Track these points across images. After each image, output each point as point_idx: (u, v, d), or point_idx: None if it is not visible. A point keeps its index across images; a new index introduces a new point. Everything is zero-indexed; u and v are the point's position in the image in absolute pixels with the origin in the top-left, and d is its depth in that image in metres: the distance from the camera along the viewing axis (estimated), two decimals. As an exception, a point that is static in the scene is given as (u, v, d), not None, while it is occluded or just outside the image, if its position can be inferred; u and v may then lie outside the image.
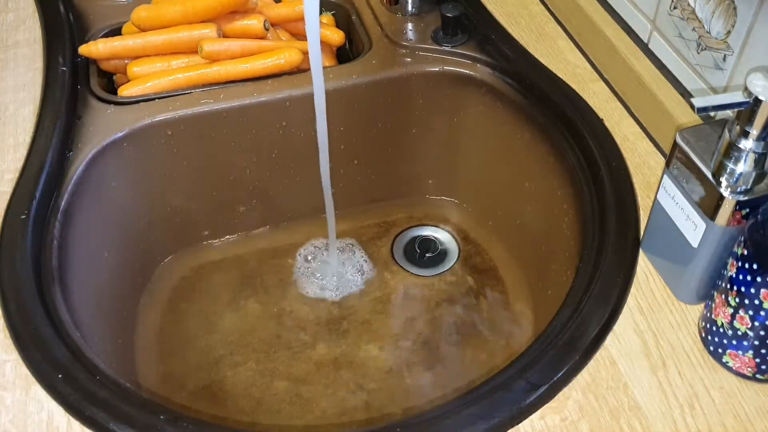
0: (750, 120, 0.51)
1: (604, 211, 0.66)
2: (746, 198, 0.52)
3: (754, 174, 0.52)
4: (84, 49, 0.83)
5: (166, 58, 0.85)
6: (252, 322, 0.86)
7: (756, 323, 0.52)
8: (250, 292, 0.90)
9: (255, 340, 0.85)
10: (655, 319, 0.60)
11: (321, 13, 0.92)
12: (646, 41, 0.77)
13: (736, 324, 0.53)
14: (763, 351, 0.53)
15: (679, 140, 0.56)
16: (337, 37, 0.91)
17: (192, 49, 0.84)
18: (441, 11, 0.84)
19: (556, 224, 0.75)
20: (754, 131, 0.51)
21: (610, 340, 0.58)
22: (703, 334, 0.58)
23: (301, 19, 0.87)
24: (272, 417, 0.78)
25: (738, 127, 0.52)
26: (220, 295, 0.89)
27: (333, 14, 0.96)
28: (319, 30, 0.74)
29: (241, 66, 0.82)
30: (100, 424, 0.53)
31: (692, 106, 0.52)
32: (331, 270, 0.91)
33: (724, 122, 0.54)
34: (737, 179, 0.53)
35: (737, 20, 0.62)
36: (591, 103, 0.77)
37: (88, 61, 0.85)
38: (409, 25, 0.89)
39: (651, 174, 0.70)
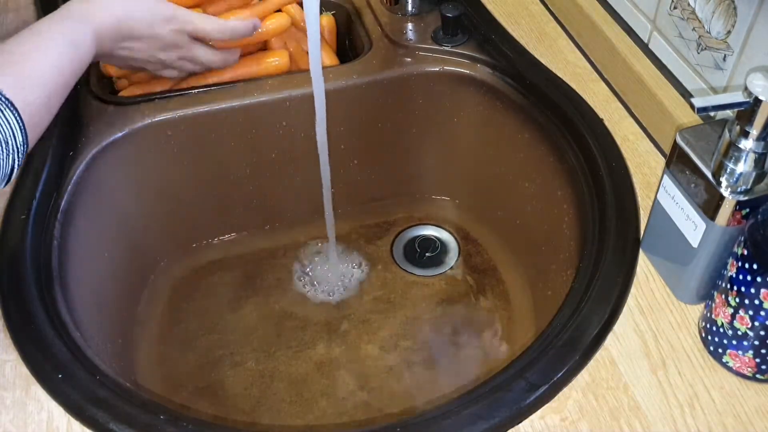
0: (750, 120, 0.51)
1: (604, 211, 0.66)
2: (746, 198, 0.52)
3: (754, 174, 0.52)
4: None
5: None
6: (252, 322, 0.86)
7: (756, 323, 0.52)
8: (250, 292, 0.90)
9: (255, 340, 0.85)
10: (655, 319, 0.60)
11: (321, 13, 0.92)
12: (646, 41, 0.77)
13: (736, 324, 0.53)
14: (763, 351, 0.53)
15: (679, 140, 0.56)
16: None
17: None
18: (441, 11, 0.84)
19: (556, 224, 0.75)
20: (754, 131, 0.51)
21: (610, 340, 0.58)
22: (703, 334, 0.58)
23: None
24: (272, 417, 0.78)
25: (738, 127, 0.52)
26: (220, 295, 0.89)
27: (333, 14, 0.95)
28: (319, 30, 0.74)
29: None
30: (100, 424, 0.53)
31: (692, 106, 0.52)
32: (331, 270, 0.91)
33: (724, 122, 0.54)
34: (737, 179, 0.53)
35: (737, 20, 0.62)
36: (591, 103, 0.77)
37: (88, 61, 0.85)
38: (409, 25, 0.89)
39: (651, 174, 0.70)
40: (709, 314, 0.57)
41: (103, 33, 0.67)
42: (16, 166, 0.58)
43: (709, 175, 0.54)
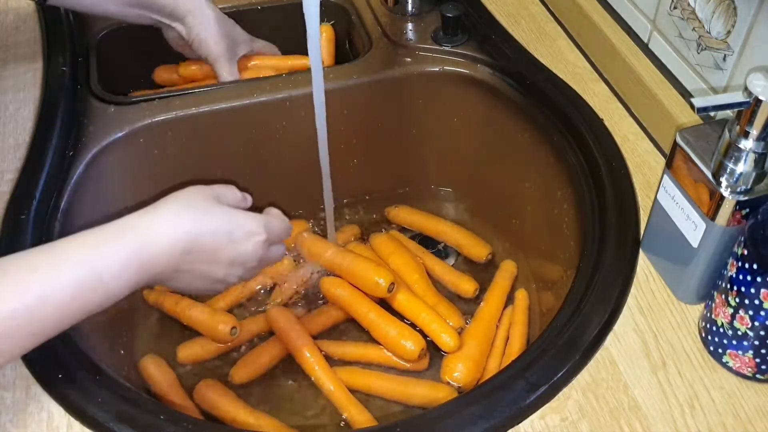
0: (750, 120, 0.51)
1: (604, 211, 0.66)
2: (746, 198, 0.52)
3: (754, 174, 0.52)
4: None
5: None
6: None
7: (756, 323, 0.52)
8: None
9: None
10: (655, 319, 0.60)
11: (321, 21, 0.91)
12: (646, 41, 0.77)
13: (736, 324, 0.53)
14: (763, 351, 0.53)
15: (679, 140, 0.56)
16: None
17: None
18: (441, 11, 0.84)
19: (556, 224, 0.76)
20: (754, 131, 0.51)
21: (610, 340, 0.58)
22: (703, 334, 0.58)
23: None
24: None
25: (738, 127, 0.52)
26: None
27: (332, 24, 0.95)
28: (319, 31, 0.74)
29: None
30: (100, 424, 0.53)
31: (692, 106, 0.52)
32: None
33: (724, 122, 0.54)
34: (737, 179, 0.53)
35: (737, 20, 0.62)
36: (591, 103, 0.77)
37: (88, 61, 0.85)
38: (409, 25, 0.89)
39: (651, 174, 0.70)
40: (709, 314, 0.57)
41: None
42: None
43: (709, 175, 0.54)
